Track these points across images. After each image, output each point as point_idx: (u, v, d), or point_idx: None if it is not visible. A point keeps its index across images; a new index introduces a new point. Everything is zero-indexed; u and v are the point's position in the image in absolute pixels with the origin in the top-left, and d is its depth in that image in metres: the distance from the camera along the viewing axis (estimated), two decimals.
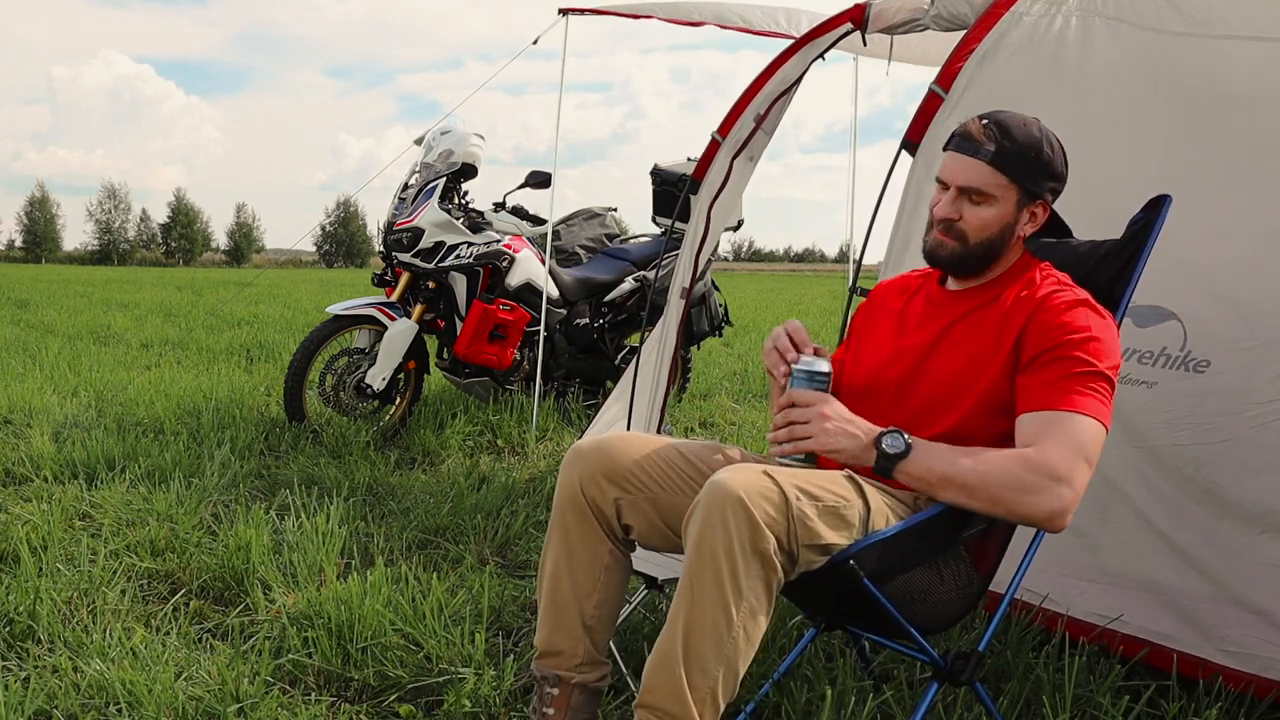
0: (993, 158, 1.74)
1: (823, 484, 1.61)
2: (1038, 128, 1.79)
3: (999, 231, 1.78)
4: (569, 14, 4.82)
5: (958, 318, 1.83)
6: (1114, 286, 1.86)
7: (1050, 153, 1.78)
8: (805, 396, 1.67)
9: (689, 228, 4.16)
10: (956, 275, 1.87)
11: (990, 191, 1.76)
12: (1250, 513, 2.09)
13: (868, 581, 1.58)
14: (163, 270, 42.53)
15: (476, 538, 3.24)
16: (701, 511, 1.52)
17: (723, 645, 1.52)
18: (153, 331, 9.63)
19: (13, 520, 3.14)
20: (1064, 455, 1.59)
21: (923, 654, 1.72)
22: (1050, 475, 1.57)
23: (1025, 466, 1.59)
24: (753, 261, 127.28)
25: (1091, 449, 1.62)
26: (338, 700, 2.17)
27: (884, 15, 3.32)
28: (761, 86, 3.80)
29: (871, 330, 1.99)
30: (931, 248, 1.83)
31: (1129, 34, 2.46)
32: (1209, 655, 2.12)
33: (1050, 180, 1.79)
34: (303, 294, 17.67)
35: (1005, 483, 1.58)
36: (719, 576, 1.50)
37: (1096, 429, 1.63)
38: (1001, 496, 1.58)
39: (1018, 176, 1.76)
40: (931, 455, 1.62)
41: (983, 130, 1.76)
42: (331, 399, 4.62)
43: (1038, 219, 1.81)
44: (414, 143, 5.15)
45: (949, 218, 1.79)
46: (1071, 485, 1.58)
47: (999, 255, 1.81)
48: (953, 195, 1.79)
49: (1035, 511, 1.58)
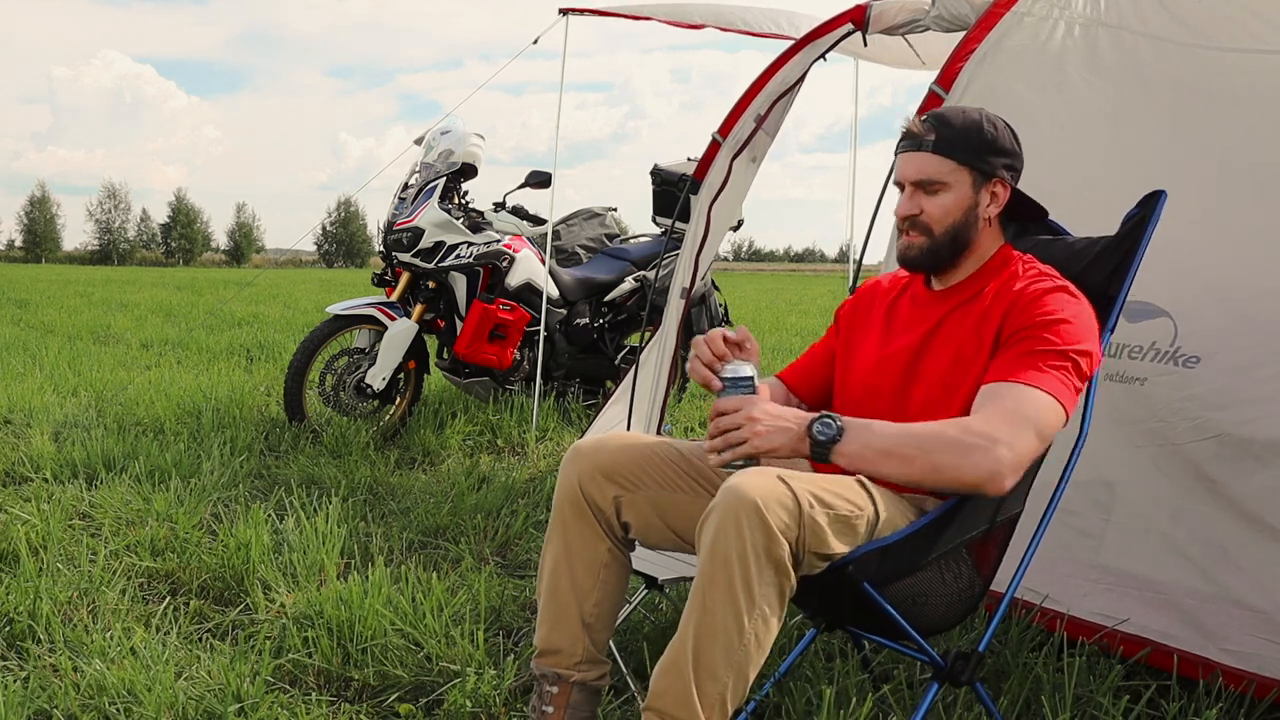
0: (935, 146, 1.78)
1: (837, 490, 1.60)
2: (977, 112, 1.82)
3: (962, 216, 1.80)
4: (569, 14, 4.82)
5: (943, 317, 1.83)
6: (1110, 283, 1.86)
7: (992, 130, 1.80)
8: (731, 403, 1.66)
9: (689, 228, 4.16)
10: (932, 271, 1.87)
11: (942, 179, 1.79)
12: (1250, 512, 2.09)
13: (868, 586, 1.58)
14: (163, 270, 42.53)
15: (476, 538, 3.24)
16: (717, 517, 1.52)
17: (733, 652, 1.52)
18: (153, 331, 9.63)
19: (13, 520, 3.14)
20: (1005, 419, 1.58)
21: (923, 654, 1.72)
22: (987, 437, 1.56)
23: (961, 430, 1.58)
24: (753, 261, 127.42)
25: (1040, 420, 1.60)
26: (338, 700, 2.18)
27: (885, 16, 3.32)
28: (762, 87, 3.80)
29: (860, 331, 1.99)
30: (902, 250, 1.85)
31: (1130, 40, 2.47)
32: (1210, 654, 2.12)
33: (999, 156, 1.80)
34: (303, 294, 17.67)
35: (942, 447, 1.57)
36: (732, 583, 1.50)
37: (1048, 402, 1.61)
38: (940, 462, 1.56)
39: (964, 158, 1.78)
40: (866, 433, 1.61)
41: (922, 125, 1.81)
42: (331, 399, 4.62)
43: (999, 198, 1.82)
44: (414, 143, 5.16)
45: (910, 214, 1.81)
46: (1012, 448, 1.56)
47: (969, 241, 1.82)
48: (909, 192, 1.82)
49: (975, 473, 1.55)
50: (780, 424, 1.62)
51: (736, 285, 27.03)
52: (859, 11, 3.40)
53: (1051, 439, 1.65)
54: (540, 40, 5.03)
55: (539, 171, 5.05)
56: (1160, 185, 1.85)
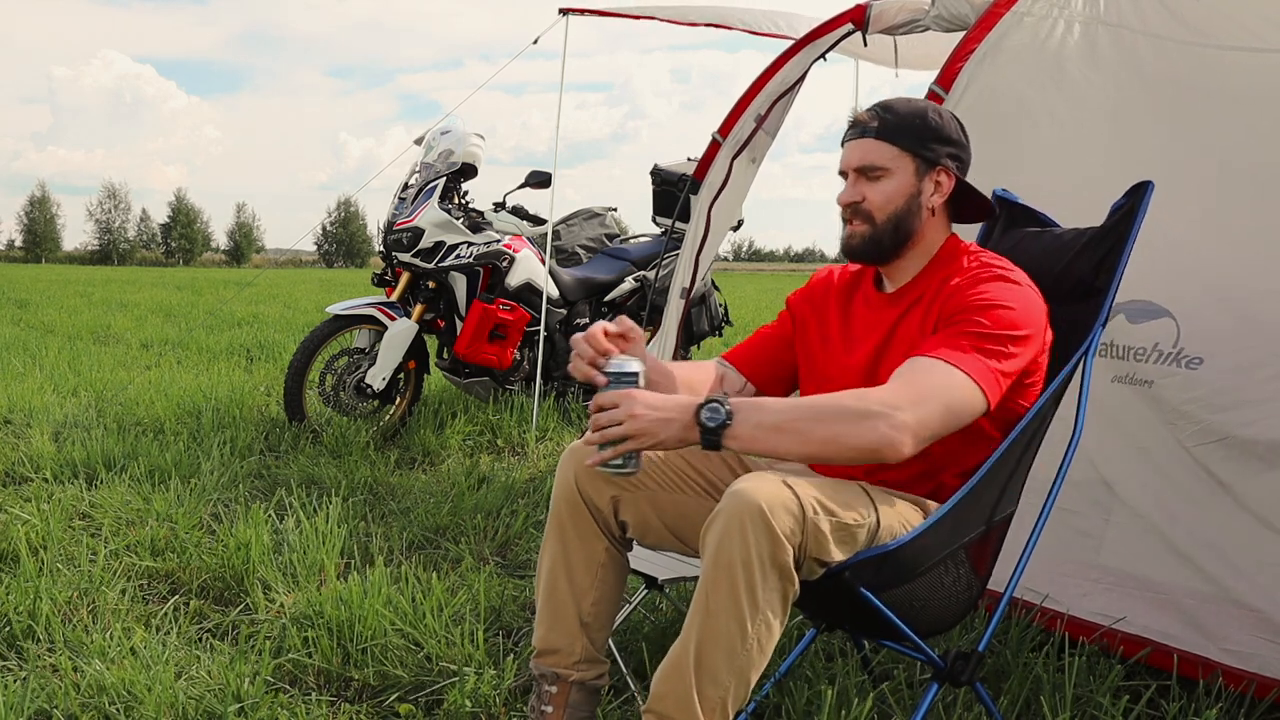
0: (878, 132, 1.77)
1: (841, 496, 1.59)
2: (923, 103, 1.81)
3: (904, 204, 1.77)
4: (569, 14, 4.82)
5: (895, 323, 1.80)
6: (1097, 274, 1.84)
7: (937, 119, 1.78)
8: (610, 397, 1.60)
9: (689, 228, 4.16)
10: (875, 261, 1.83)
11: (884, 164, 1.77)
12: (1254, 513, 2.09)
13: (865, 591, 1.58)
14: (162, 270, 42.54)
15: (476, 537, 3.24)
16: (721, 521, 1.50)
17: (735, 657, 1.51)
18: (153, 331, 9.64)
19: (13, 520, 3.14)
20: (907, 390, 1.55)
21: (922, 655, 1.72)
22: (887, 404, 1.52)
23: (857, 398, 1.55)
24: (753, 261, 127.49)
25: (950, 396, 1.55)
26: (338, 700, 2.18)
27: (885, 16, 3.32)
28: (762, 87, 3.80)
29: (817, 329, 1.94)
30: (845, 240, 1.82)
31: (1130, 39, 2.47)
32: (1210, 654, 2.12)
33: (944, 145, 1.78)
34: (303, 294, 17.67)
35: (838, 415, 1.53)
36: (735, 588, 1.49)
37: (962, 380, 1.57)
38: (836, 432, 1.52)
39: (907, 145, 1.76)
40: (757, 413, 1.54)
41: (867, 113, 1.80)
42: (331, 399, 4.62)
43: (943, 188, 1.79)
44: (414, 143, 5.16)
45: (853, 201, 1.79)
46: (912, 413, 1.51)
47: (912, 231, 1.78)
48: (852, 179, 1.80)
49: (873, 438, 1.51)
50: (662, 414, 1.56)
51: (736, 285, 27.02)
52: (859, 11, 3.40)
53: (964, 421, 1.59)
54: (540, 40, 5.04)
55: (539, 171, 5.05)
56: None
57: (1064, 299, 1.90)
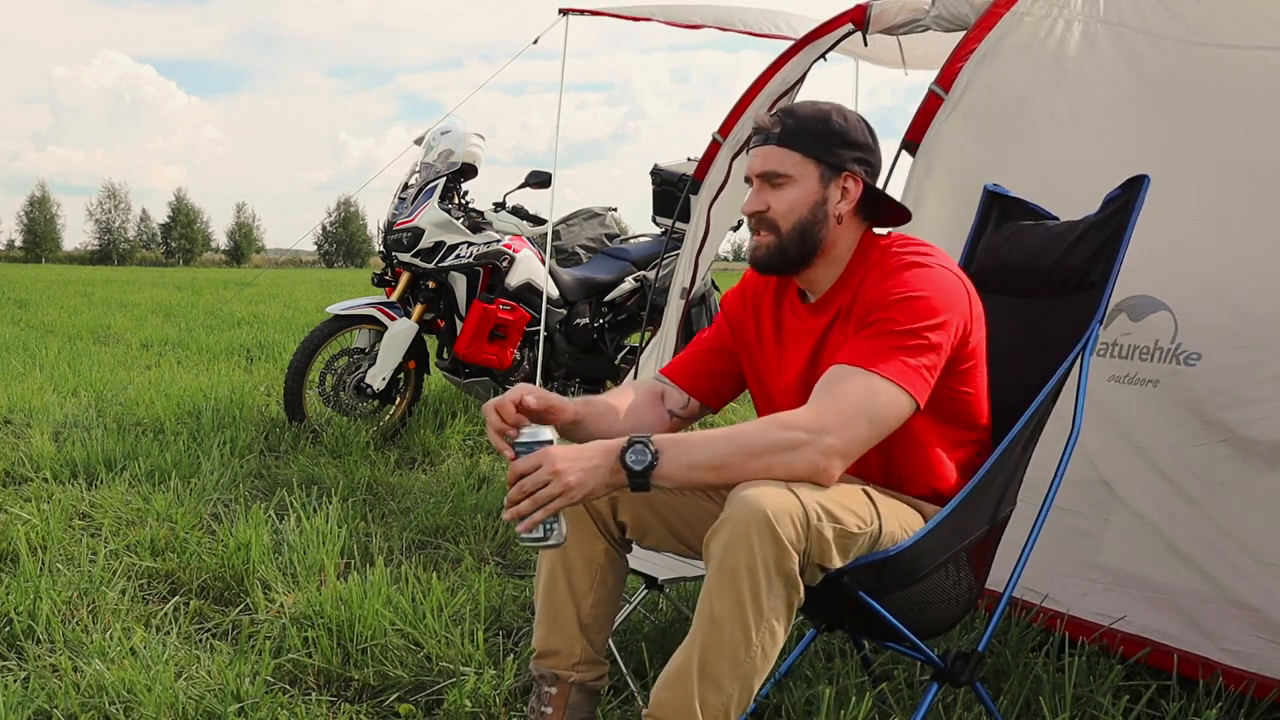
0: (780, 138, 1.73)
1: (844, 503, 1.57)
2: (829, 106, 1.75)
3: (809, 212, 1.72)
4: (569, 14, 4.82)
5: (823, 332, 1.77)
6: (1091, 266, 1.83)
7: (842, 122, 1.73)
8: (527, 461, 1.56)
9: (689, 228, 4.16)
10: (783, 272, 1.80)
11: (787, 171, 1.72)
12: (1256, 512, 2.09)
13: (865, 595, 1.57)
14: (162, 270, 42.54)
15: (476, 538, 3.24)
16: (726, 528, 1.49)
17: (739, 664, 1.51)
18: (153, 331, 9.64)
19: (13, 520, 3.14)
20: (831, 410, 1.54)
21: (922, 655, 1.72)
22: (812, 430, 1.52)
23: (780, 425, 1.53)
24: None
25: (874, 408, 1.55)
26: (338, 700, 2.18)
27: (885, 16, 3.32)
28: (762, 87, 3.80)
29: (754, 340, 1.91)
30: (751, 252, 1.78)
31: (1130, 38, 2.47)
32: (1210, 654, 2.11)
33: (849, 149, 1.73)
34: (303, 294, 17.68)
35: (767, 448, 1.52)
36: (740, 595, 1.48)
37: (884, 387, 1.55)
38: (768, 464, 1.51)
39: (810, 150, 1.72)
40: (684, 451, 1.53)
41: (770, 119, 1.75)
42: (331, 399, 4.62)
43: (850, 194, 1.74)
44: (414, 143, 5.16)
45: (757, 210, 1.75)
46: (838, 436, 1.52)
47: (819, 240, 1.74)
48: (756, 187, 1.76)
49: (799, 467, 1.51)
50: (586, 464, 1.53)
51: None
52: (859, 11, 3.40)
53: (892, 426, 1.58)
54: (540, 40, 5.03)
55: (539, 171, 5.05)
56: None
57: (1058, 291, 1.90)
